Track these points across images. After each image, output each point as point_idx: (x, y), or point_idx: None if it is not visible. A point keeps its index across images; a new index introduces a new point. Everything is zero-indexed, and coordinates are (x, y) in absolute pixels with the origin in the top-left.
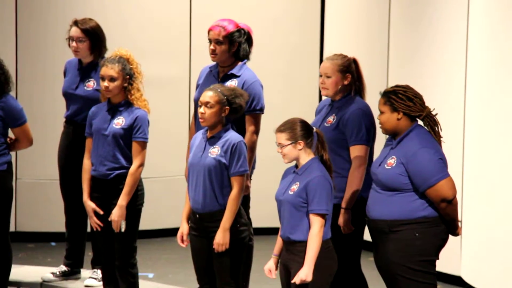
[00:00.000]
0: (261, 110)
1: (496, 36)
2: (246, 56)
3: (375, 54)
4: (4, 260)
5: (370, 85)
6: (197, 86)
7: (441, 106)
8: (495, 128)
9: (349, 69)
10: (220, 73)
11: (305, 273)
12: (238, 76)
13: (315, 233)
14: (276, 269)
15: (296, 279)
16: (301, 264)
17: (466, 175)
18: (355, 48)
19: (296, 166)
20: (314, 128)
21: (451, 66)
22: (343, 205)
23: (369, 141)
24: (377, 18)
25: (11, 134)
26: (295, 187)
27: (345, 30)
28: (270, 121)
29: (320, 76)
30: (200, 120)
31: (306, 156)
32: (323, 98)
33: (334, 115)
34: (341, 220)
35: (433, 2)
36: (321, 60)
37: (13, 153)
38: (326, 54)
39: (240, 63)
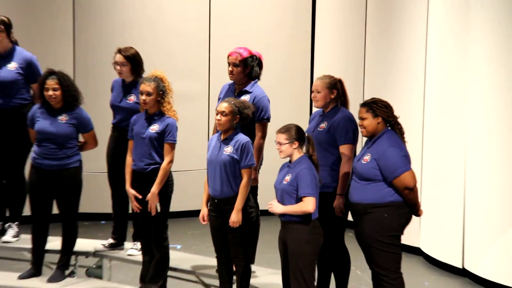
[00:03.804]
0: (268, 119)
1: (450, 59)
2: (257, 76)
3: (353, 72)
4: (73, 232)
5: (350, 96)
6: (219, 99)
7: (405, 114)
8: (446, 132)
9: (335, 86)
10: (236, 89)
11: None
12: (250, 92)
13: (304, 209)
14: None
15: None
16: (296, 239)
17: (425, 168)
18: (338, 68)
19: (290, 161)
20: (306, 133)
21: (413, 83)
22: (338, 191)
23: (355, 141)
24: (355, 48)
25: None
26: (288, 178)
27: (330, 55)
28: (271, 128)
29: (312, 92)
30: (217, 126)
31: (298, 154)
32: (314, 109)
33: (325, 122)
34: (336, 204)
35: (397, 39)
36: (311, 78)
37: None
38: (315, 73)
39: (252, 82)
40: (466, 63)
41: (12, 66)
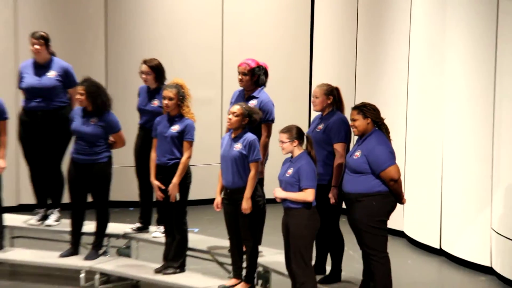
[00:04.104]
0: (272, 121)
1: (428, 66)
2: (263, 84)
3: (346, 79)
4: (105, 217)
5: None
6: (231, 103)
7: (391, 116)
8: (426, 131)
9: (332, 93)
10: (245, 95)
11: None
12: (257, 97)
13: (303, 198)
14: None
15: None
16: (296, 223)
17: (407, 162)
18: (333, 76)
19: (291, 157)
20: (305, 133)
21: (397, 88)
22: (333, 183)
23: (347, 140)
24: (347, 58)
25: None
26: (290, 171)
27: (326, 65)
28: (275, 128)
29: (312, 97)
30: (228, 124)
31: (298, 150)
32: (312, 112)
33: (323, 123)
34: (331, 194)
35: (383, 51)
36: (310, 85)
37: None
38: (313, 80)
39: (259, 88)
40: (443, 69)
41: (52, 74)
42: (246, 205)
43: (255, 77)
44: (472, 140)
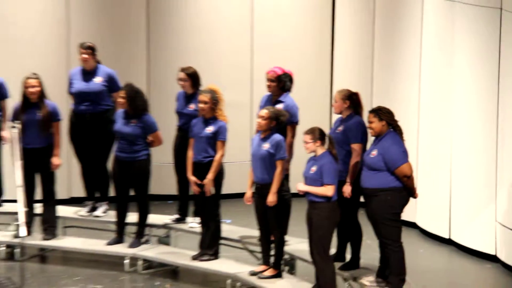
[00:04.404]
0: (297, 123)
1: (439, 70)
2: (288, 89)
3: (363, 85)
4: (146, 209)
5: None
6: (260, 107)
7: (404, 119)
8: (436, 132)
9: (348, 98)
10: (272, 99)
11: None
12: (283, 102)
13: (325, 192)
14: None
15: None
16: (319, 215)
17: (420, 160)
18: (352, 82)
19: (315, 155)
20: (327, 134)
21: (410, 93)
22: (348, 180)
23: (363, 140)
24: (365, 66)
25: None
26: (314, 168)
27: (346, 72)
28: (300, 130)
29: (332, 101)
30: (257, 126)
31: (320, 150)
32: (333, 115)
33: (342, 125)
34: (344, 188)
35: (397, 59)
36: (331, 90)
37: None
38: (334, 86)
39: (285, 93)
40: (452, 75)
41: (98, 80)
42: (272, 198)
43: (281, 83)
44: (478, 140)
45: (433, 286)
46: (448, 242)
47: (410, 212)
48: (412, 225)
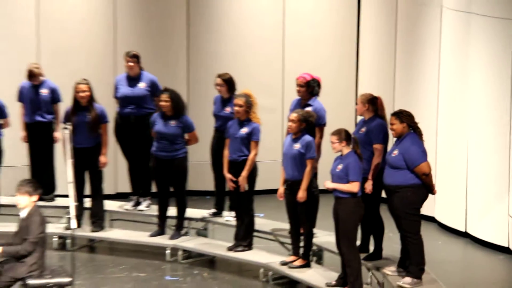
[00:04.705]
0: (324, 124)
1: (455, 79)
2: (316, 93)
3: (386, 90)
4: (184, 203)
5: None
6: (290, 110)
7: (423, 121)
8: (453, 134)
9: (369, 102)
10: (302, 103)
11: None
12: (312, 105)
13: (351, 189)
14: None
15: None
16: (345, 210)
17: (438, 159)
18: (375, 87)
19: (341, 155)
20: (352, 135)
21: (429, 98)
22: (369, 177)
23: (384, 141)
24: (388, 72)
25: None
26: (340, 166)
27: (370, 77)
28: (327, 131)
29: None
30: (288, 129)
31: (346, 150)
32: (358, 117)
33: (365, 127)
34: (366, 185)
35: (418, 67)
36: (356, 94)
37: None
38: (359, 91)
39: (313, 97)
40: (467, 81)
41: (142, 85)
42: (302, 194)
43: (310, 88)
44: (491, 141)
45: (450, 275)
46: (464, 235)
47: (429, 207)
48: (431, 219)
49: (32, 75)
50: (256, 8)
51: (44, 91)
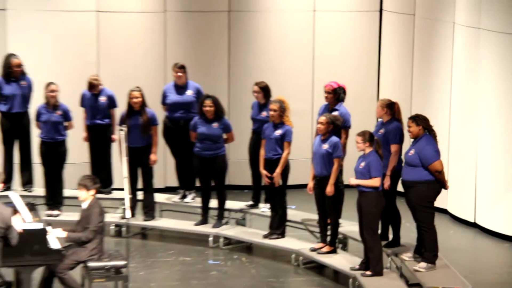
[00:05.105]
0: (349, 127)
1: (466, 86)
2: (342, 99)
3: (404, 96)
4: (224, 196)
5: (401, 112)
6: (318, 114)
7: (437, 124)
8: (463, 136)
9: (387, 106)
10: (329, 108)
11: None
12: (338, 110)
13: (372, 184)
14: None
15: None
16: (367, 203)
17: (450, 157)
18: (395, 93)
19: (364, 154)
20: (375, 137)
21: (442, 104)
22: (387, 173)
23: (401, 142)
24: (406, 81)
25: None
26: (363, 164)
27: (390, 85)
28: (352, 132)
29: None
30: (318, 131)
31: (369, 149)
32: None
33: (383, 129)
34: (385, 181)
35: (433, 76)
36: (377, 100)
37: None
38: (380, 96)
39: (339, 103)
40: (477, 87)
41: (189, 92)
42: (329, 189)
43: (336, 95)
44: (499, 139)
45: (461, 261)
46: (473, 225)
47: (442, 201)
48: (444, 211)
49: (91, 86)
50: (289, 26)
51: (102, 98)
